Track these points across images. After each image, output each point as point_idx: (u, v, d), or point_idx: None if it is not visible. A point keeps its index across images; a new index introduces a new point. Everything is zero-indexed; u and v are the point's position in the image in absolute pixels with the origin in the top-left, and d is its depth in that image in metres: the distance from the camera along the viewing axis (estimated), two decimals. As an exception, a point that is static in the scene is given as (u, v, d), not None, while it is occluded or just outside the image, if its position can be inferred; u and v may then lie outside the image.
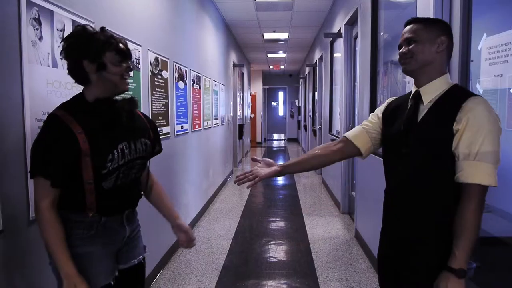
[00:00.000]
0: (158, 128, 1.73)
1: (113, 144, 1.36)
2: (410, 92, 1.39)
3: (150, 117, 2.31)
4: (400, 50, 1.33)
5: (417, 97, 1.32)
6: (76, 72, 1.36)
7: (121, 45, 1.37)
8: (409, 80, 2.59)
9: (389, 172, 1.42)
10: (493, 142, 1.17)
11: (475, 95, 1.24)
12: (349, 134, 1.53)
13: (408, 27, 1.32)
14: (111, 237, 1.43)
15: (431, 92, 1.29)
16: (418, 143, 1.27)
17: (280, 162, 1.57)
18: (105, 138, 1.35)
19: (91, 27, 1.36)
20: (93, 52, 1.31)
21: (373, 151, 1.52)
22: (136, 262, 1.53)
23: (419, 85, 1.33)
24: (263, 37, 8.29)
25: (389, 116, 1.44)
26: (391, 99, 1.52)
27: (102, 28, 1.37)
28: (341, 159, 1.54)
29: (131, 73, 1.46)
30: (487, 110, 1.19)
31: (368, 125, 1.51)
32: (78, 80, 1.37)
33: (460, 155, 1.19)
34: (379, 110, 1.51)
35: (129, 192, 1.47)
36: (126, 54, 1.39)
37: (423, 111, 1.30)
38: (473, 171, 1.16)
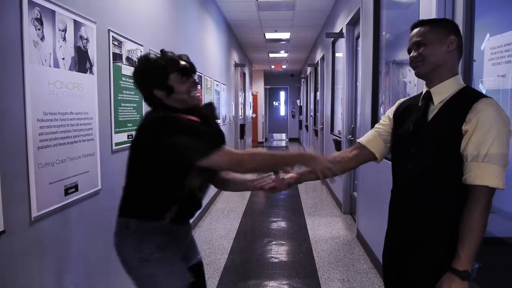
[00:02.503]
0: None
1: None
2: (421, 92, 1.38)
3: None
4: (411, 54, 1.32)
5: (428, 97, 1.32)
6: (151, 102, 1.41)
7: (182, 62, 1.39)
8: (410, 80, 2.58)
9: (398, 172, 1.41)
10: (502, 144, 1.15)
11: (486, 96, 1.22)
12: (362, 139, 1.53)
13: (415, 30, 1.31)
14: (180, 244, 1.49)
15: (442, 92, 1.28)
16: (427, 143, 1.26)
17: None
18: None
19: (154, 54, 1.40)
20: (158, 80, 1.35)
21: (387, 153, 1.51)
22: (200, 258, 1.61)
23: (430, 86, 1.32)
24: (265, 37, 8.29)
25: (400, 117, 1.43)
26: (401, 100, 1.52)
27: (162, 51, 1.40)
28: (356, 165, 1.55)
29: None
30: (497, 111, 1.17)
31: (380, 127, 1.50)
32: (155, 107, 1.41)
33: (469, 157, 1.17)
34: (390, 112, 1.51)
35: (200, 202, 1.52)
36: (188, 70, 1.41)
37: (433, 111, 1.29)
38: (481, 173, 1.15)
